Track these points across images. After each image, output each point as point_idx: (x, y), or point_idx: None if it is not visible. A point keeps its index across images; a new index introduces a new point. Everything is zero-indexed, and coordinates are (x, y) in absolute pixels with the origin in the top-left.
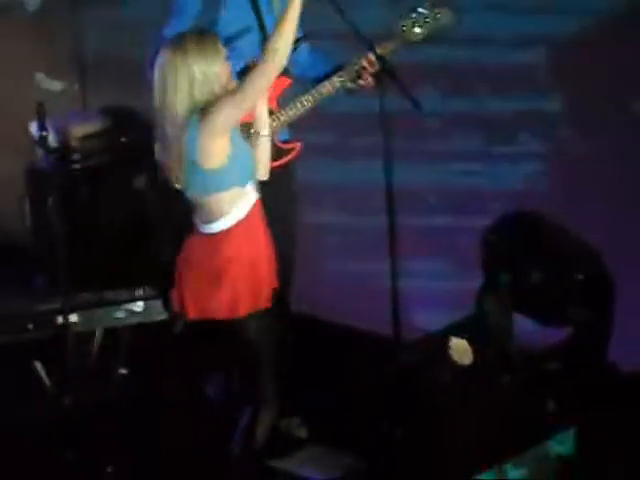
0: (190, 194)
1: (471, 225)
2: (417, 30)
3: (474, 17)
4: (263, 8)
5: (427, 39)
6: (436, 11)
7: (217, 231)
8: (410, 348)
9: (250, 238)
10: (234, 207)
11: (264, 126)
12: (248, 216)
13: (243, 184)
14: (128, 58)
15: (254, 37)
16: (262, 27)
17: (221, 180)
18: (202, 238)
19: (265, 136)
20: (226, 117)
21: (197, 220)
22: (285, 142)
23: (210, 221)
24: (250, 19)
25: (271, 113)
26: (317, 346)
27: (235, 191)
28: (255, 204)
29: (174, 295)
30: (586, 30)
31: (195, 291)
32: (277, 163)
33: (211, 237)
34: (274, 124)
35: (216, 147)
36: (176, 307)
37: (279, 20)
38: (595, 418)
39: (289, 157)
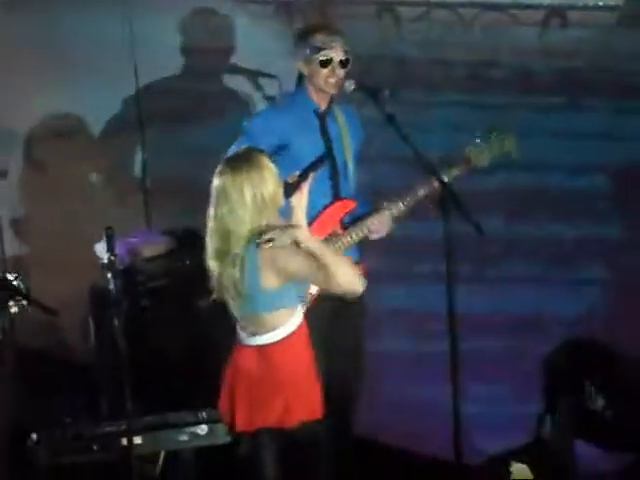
0: (244, 311)
1: (532, 350)
2: (483, 156)
3: (536, 143)
4: (332, 134)
5: (490, 165)
6: (501, 137)
7: (267, 343)
8: (472, 472)
9: (301, 349)
10: (288, 321)
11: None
12: (299, 328)
13: (300, 302)
14: (192, 181)
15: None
16: (330, 152)
17: (280, 299)
18: (251, 350)
19: None
20: (290, 270)
21: (242, 332)
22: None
23: (260, 333)
24: (319, 144)
25: (336, 235)
26: (379, 471)
27: (291, 307)
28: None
29: (222, 407)
30: None
31: (246, 402)
32: None
33: (261, 348)
34: (337, 245)
35: (272, 270)
36: (225, 419)
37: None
38: None
39: None
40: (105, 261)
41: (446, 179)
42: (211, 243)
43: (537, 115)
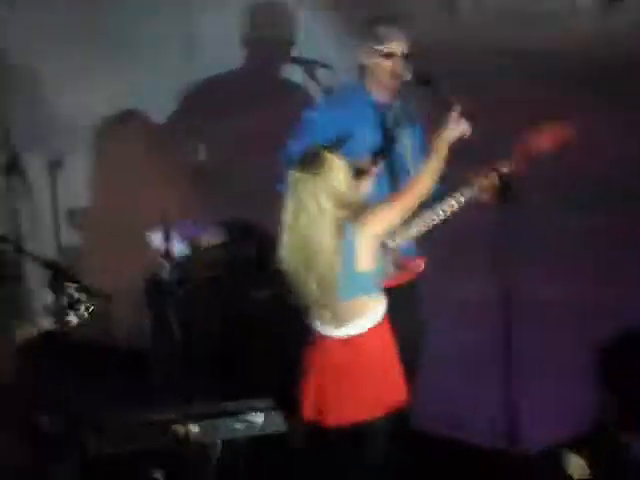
0: (333, 299)
1: (587, 340)
2: (544, 145)
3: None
4: (391, 128)
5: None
6: (561, 123)
7: (356, 333)
8: (528, 463)
9: (388, 338)
10: (375, 309)
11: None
12: (384, 318)
13: (382, 288)
14: (247, 169)
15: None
16: (389, 146)
17: (371, 283)
18: (338, 342)
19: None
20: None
21: (325, 325)
22: (409, 258)
23: (346, 323)
24: (377, 138)
25: (395, 231)
26: (431, 462)
27: (377, 294)
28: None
29: (306, 405)
30: None
31: (335, 396)
32: (401, 280)
33: (349, 340)
34: (397, 240)
35: (370, 249)
36: (309, 417)
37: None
38: None
39: (410, 274)
40: (162, 250)
41: (505, 169)
42: (291, 248)
43: None
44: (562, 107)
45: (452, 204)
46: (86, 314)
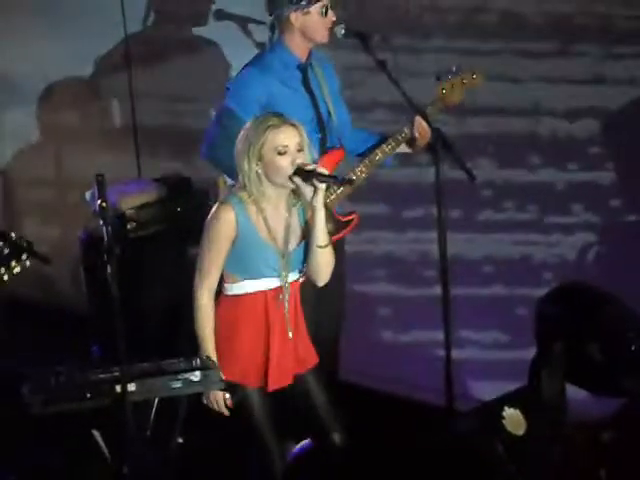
0: None
1: (525, 295)
2: (455, 91)
3: (527, 88)
4: (314, 86)
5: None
6: (471, 72)
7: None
8: (464, 417)
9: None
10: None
11: (322, 237)
12: None
13: None
14: (181, 128)
15: (308, 114)
16: (315, 105)
17: None
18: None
19: (323, 246)
20: None
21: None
22: (343, 214)
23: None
24: (304, 98)
25: (328, 187)
26: (370, 415)
27: None
28: None
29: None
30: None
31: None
32: (337, 236)
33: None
34: (332, 197)
35: None
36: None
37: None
38: None
39: (348, 229)
40: (96, 209)
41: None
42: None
43: (528, 60)
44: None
45: (380, 156)
46: (18, 269)
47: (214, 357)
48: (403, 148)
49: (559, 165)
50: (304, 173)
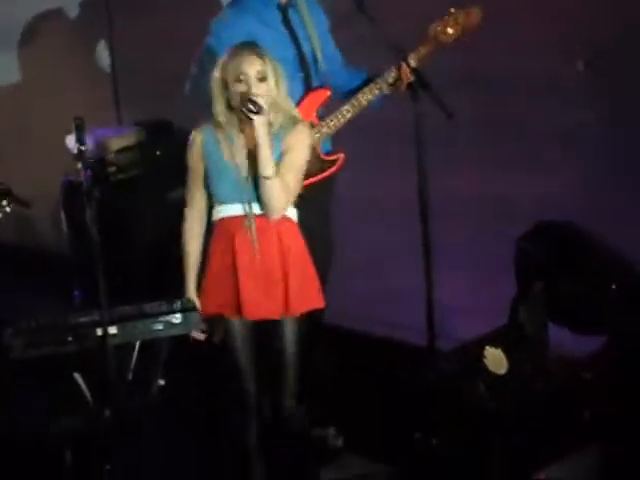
0: None
1: (505, 234)
2: (449, 31)
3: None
4: (296, 25)
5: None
6: (466, 10)
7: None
8: (445, 357)
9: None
10: None
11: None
12: None
13: None
14: (161, 69)
15: (290, 54)
16: (296, 44)
17: None
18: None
19: (267, 178)
20: None
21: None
22: (328, 154)
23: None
24: (285, 38)
25: (312, 126)
26: (351, 357)
27: None
28: None
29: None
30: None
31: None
32: (321, 175)
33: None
34: (316, 136)
35: None
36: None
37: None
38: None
39: (333, 169)
40: (75, 152)
41: (413, 61)
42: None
43: None
44: None
45: (367, 96)
46: (2, 213)
47: (191, 275)
48: (385, 89)
49: (539, 103)
50: (245, 103)
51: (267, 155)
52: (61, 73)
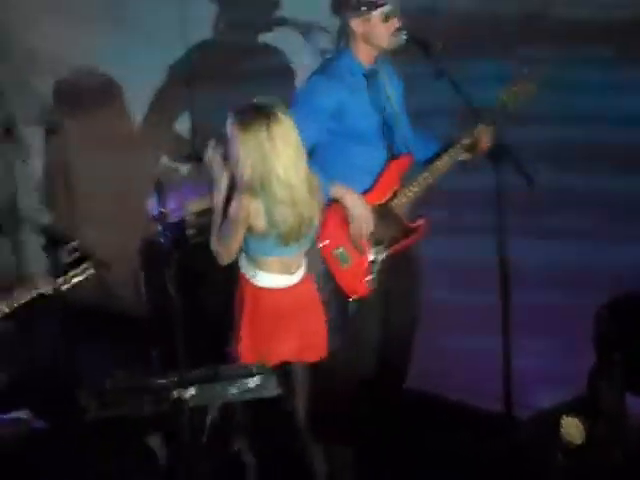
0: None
1: (585, 303)
2: (516, 99)
3: (586, 96)
4: (379, 91)
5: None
6: (528, 80)
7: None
8: (522, 426)
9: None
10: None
11: None
12: None
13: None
14: None
15: (375, 121)
16: (381, 110)
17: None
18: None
19: None
20: None
21: (270, 274)
22: (412, 220)
23: (292, 273)
24: (370, 104)
25: (395, 193)
26: (427, 422)
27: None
28: None
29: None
30: None
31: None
32: (405, 242)
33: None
34: (400, 203)
35: None
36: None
37: None
38: None
39: (417, 236)
40: (155, 214)
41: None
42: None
43: (587, 68)
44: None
45: (446, 161)
46: (82, 277)
47: None
48: (462, 154)
49: (621, 174)
50: None
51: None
52: (143, 135)
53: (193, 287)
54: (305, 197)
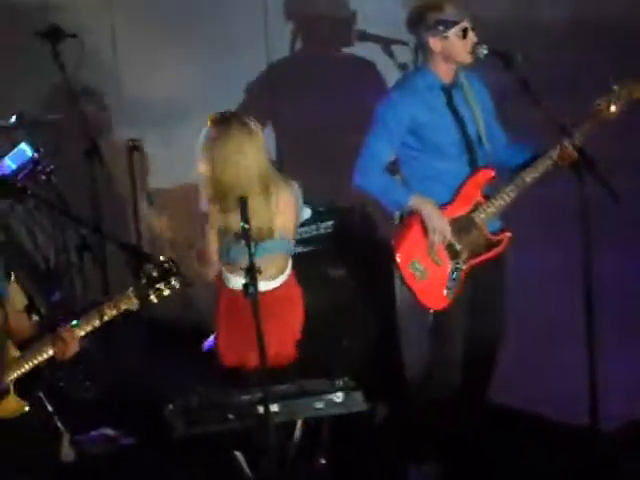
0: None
1: None
2: (612, 108)
3: None
4: (460, 106)
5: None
6: (629, 87)
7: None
8: (608, 437)
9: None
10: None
11: None
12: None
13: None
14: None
15: (455, 136)
16: (461, 124)
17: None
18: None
19: None
20: None
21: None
22: (494, 233)
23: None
24: (450, 119)
25: (478, 205)
26: (512, 434)
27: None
28: None
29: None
30: None
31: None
32: (486, 255)
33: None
34: (482, 216)
35: None
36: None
37: None
38: None
39: (499, 248)
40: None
41: (577, 139)
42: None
43: None
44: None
45: (530, 175)
46: (168, 292)
47: None
48: (549, 166)
49: None
50: None
51: None
52: None
53: None
54: (261, 205)
